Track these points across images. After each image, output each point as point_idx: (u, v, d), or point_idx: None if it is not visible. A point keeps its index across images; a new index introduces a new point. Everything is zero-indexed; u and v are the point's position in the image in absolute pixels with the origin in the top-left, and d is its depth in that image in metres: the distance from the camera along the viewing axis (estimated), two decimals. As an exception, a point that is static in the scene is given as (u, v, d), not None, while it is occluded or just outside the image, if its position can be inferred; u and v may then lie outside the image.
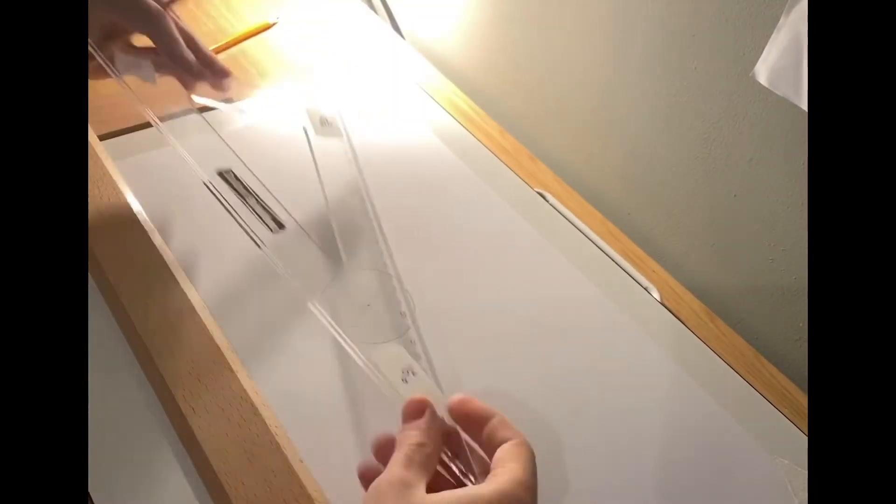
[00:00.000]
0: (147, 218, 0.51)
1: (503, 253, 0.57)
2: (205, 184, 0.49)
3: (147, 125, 0.60)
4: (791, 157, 0.53)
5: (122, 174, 0.53)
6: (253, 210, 0.50)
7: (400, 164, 0.62)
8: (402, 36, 0.85)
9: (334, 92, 0.69)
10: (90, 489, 0.38)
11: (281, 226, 0.50)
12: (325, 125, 0.60)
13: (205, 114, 0.57)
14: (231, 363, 0.43)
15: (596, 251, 0.59)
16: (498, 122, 0.71)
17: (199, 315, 0.45)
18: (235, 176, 0.52)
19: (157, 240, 0.49)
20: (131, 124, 0.59)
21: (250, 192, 0.51)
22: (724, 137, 0.57)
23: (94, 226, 0.50)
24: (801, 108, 0.49)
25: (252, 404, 0.41)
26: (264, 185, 0.52)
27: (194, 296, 0.46)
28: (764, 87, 0.50)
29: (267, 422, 0.40)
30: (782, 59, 0.48)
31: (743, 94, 0.54)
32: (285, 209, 0.51)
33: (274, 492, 0.38)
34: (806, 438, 0.49)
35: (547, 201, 0.63)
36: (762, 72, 0.50)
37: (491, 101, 0.77)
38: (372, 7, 0.86)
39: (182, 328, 0.45)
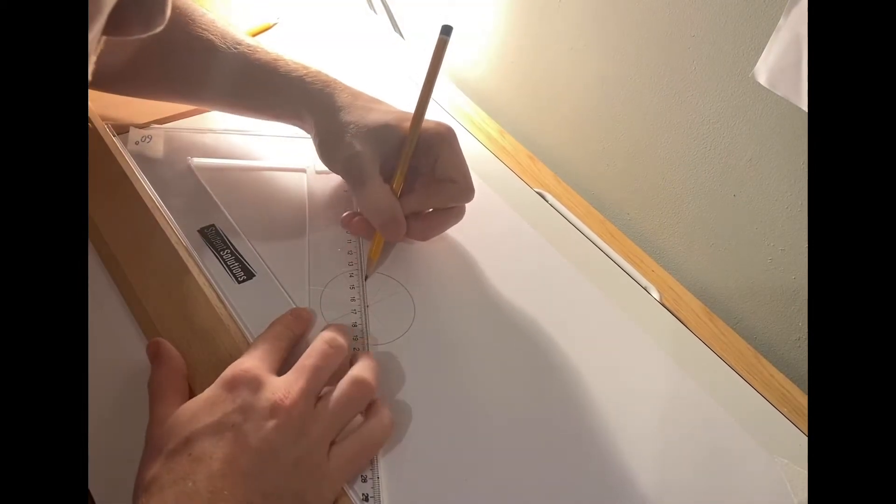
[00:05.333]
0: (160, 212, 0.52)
1: (502, 253, 0.57)
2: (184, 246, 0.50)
3: (159, 121, 0.60)
4: (791, 157, 0.53)
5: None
6: (224, 262, 0.51)
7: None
8: (402, 36, 0.85)
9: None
10: (90, 486, 0.38)
11: (250, 275, 0.50)
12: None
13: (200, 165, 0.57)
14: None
15: (595, 251, 0.59)
16: (498, 122, 0.72)
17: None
18: (216, 230, 0.52)
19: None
20: (143, 120, 0.60)
21: (227, 245, 0.52)
22: (723, 137, 0.57)
23: (105, 226, 0.50)
24: (801, 108, 0.49)
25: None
26: (242, 235, 0.53)
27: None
28: (764, 86, 0.50)
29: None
30: (782, 60, 0.49)
31: (743, 94, 0.54)
32: (260, 256, 0.51)
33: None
34: (806, 438, 0.49)
35: (546, 201, 0.63)
36: (762, 72, 0.50)
37: (490, 101, 0.77)
38: (372, 7, 0.86)
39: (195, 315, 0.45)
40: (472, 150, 0.66)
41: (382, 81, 0.72)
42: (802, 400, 0.52)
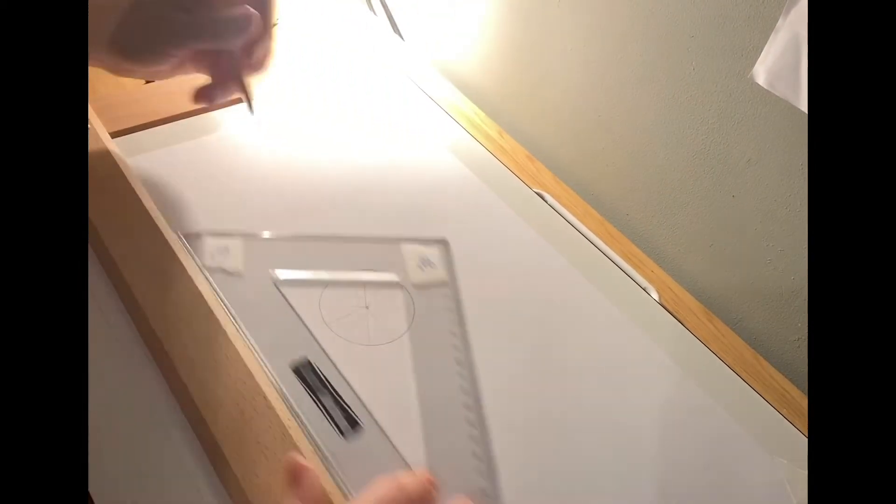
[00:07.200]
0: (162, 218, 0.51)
1: (501, 253, 0.57)
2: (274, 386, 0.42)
3: (157, 123, 0.60)
4: (790, 157, 0.53)
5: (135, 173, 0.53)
6: (325, 409, 0.42)
7: (397, 164, 0.62)
8: (401, 36, 0.85)
9: (333, 90, 0.69)
10: (90, 486, 0.38)
11: (355, 424, 0.42)
12: (425, 267, 0.52)
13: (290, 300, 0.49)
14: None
15: (594, 251, 0.59)
16: (496, 122, 0.72)
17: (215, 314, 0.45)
18: (312, 367, 0.44)
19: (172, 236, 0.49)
20: (141, 122, 0.59)
21: (326, 386, 0.43)
22: (722, 138, 0.57)
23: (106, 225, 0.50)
24: (799, 109, 0.49)
25: (265, 397, 0.41)
26: (343, 376, 0.45)
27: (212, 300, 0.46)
28: (763, 87, 0.50)
29: (280, 416, 0.40)
30: (781, 60, 0.49)
31: (742, 95, 0.55)
32: (364, 405, 0.43)
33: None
34: (805, 439, 0.49)
35: (545, 202, 0.63)
36: (761, 73, 0.50)
37: (489, 102, 0.77)
38: (372, 7, 0.86)
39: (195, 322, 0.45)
40: (471, 150, 0.66)
41: (382, 82, 0.72)
42: (802, 400, 0.52)
